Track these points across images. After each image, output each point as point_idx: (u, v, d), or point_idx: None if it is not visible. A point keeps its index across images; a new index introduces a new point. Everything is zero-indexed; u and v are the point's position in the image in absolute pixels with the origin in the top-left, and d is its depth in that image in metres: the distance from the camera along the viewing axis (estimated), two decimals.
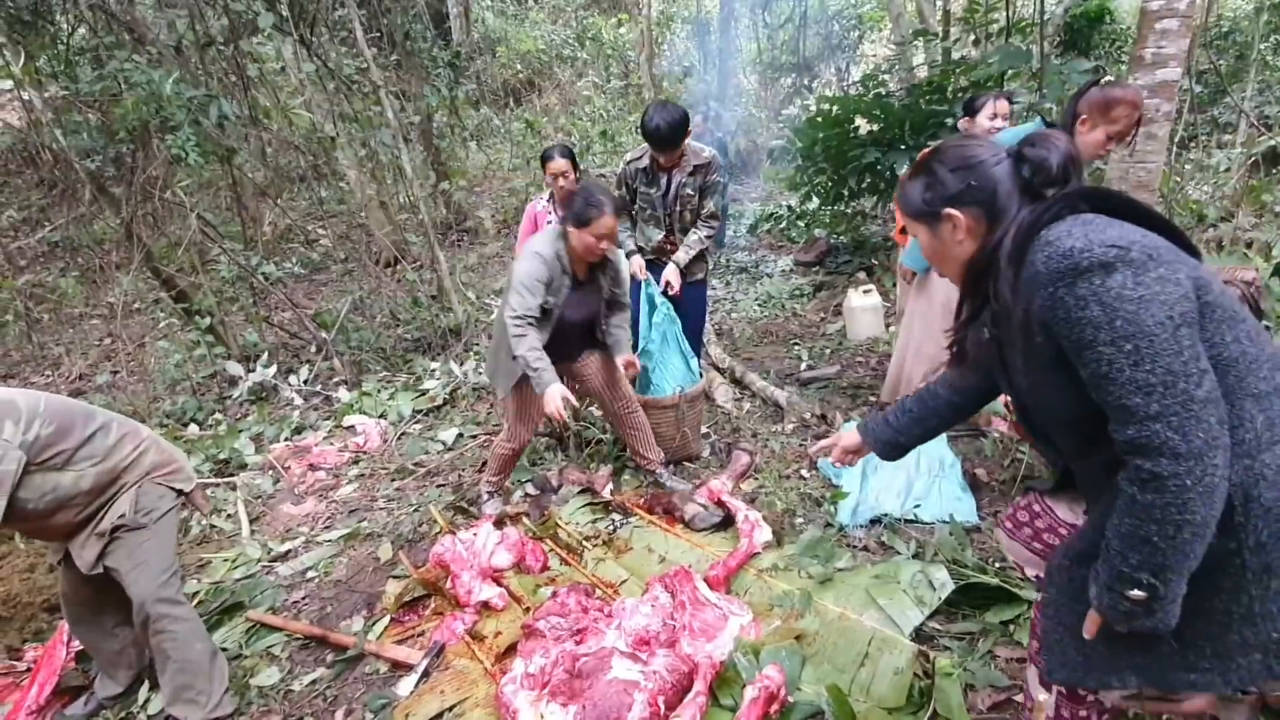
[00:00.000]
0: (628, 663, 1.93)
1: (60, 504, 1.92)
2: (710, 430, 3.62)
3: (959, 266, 1.20)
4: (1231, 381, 0.97)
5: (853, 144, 5.25)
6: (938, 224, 1.19)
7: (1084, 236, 0.98)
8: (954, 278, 1.24)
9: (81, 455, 1.93)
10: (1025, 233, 1.06)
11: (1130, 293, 0.93)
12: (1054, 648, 1.16)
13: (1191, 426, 0.89)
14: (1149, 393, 0.91)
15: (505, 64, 12.69)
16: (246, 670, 2.34)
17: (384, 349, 5.49)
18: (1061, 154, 1.09)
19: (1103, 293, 0.94)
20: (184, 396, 4.89)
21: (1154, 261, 0.95)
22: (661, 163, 3.10)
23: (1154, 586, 0.95)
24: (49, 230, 7.18)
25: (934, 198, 1.17)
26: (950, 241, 1.18)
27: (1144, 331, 0.91)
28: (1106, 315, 0.93)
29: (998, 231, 1.11)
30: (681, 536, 2.73)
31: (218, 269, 5.55)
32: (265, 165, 6.81)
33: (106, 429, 2.01)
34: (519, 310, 2.51)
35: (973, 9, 6.14)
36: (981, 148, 1.16)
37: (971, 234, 1.16)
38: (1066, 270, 0.97)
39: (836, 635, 2.09)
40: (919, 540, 2.47)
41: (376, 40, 7.16)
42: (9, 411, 1.80)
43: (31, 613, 2.78)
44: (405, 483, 3.57)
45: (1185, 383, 0.90)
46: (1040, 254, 1.01)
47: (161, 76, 4.45)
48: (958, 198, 1.15)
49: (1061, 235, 1.00)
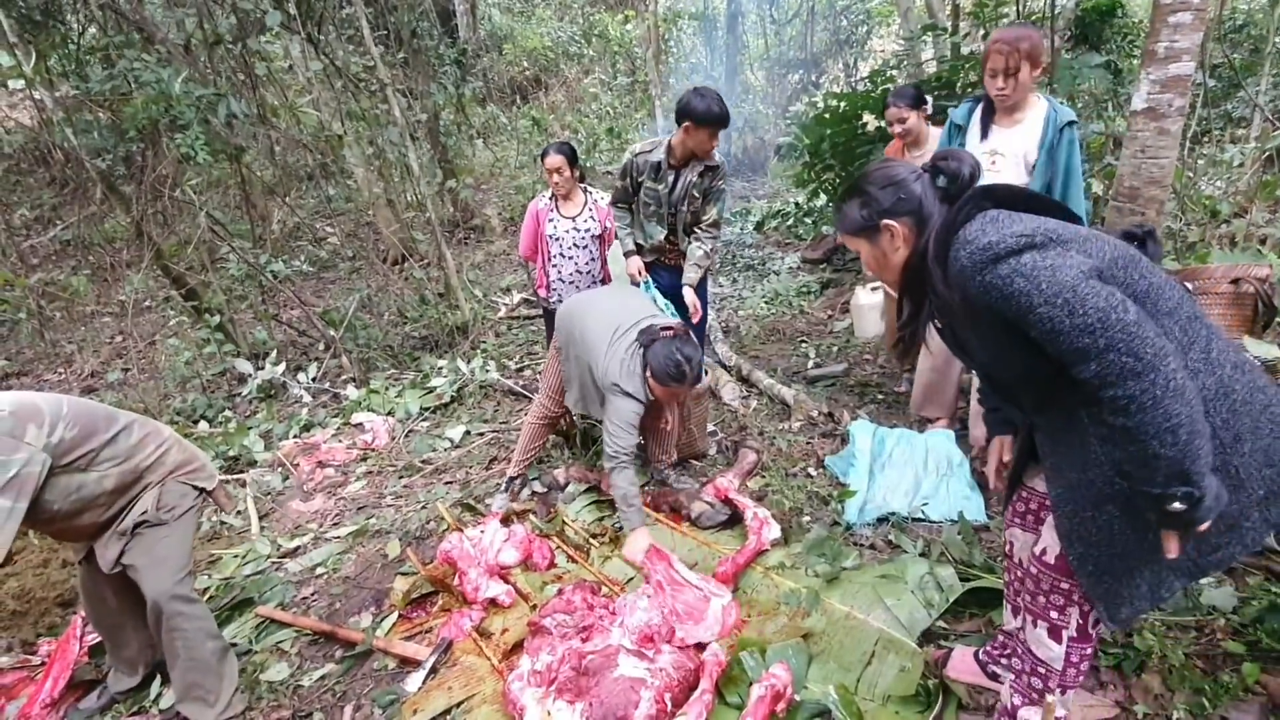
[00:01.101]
0: (634, 660, 1.93)
1: (85, 505, 1.94)
2: (717, 428, 3.62)
3: (896, 270, 1.38)
4: (1149, 308, 1.14)
5: (861, 140, 5.22)
6: (877, 235, 1.37)
7: (995, 231, 1.17)
8: (893, 282, 1.42)
9: (105, 456, 1.95)
10: (944, 234, 1.25)
11: (1042, 263, 1.10)
12: (1106, 596, 1.26)
13: (1137, 345, 1.02)
14: (1091, 332, 1.05)
15: (512, 61, 12.69)
16: (256, 665, 2.36)
17: (391, 347, 5.52)
18: (970, 165, 1.30)
19: (1021, 268, 1.11)
20: (194, 394, 4.93)
21: (1053, 242, 1.14)
22: (675, 159, 3.07)
23: (1189, 493, 1.04)
24: (60, 229, 7.24)
25: (870, 213, 1.36)
26: (889, 249, 1.37)
27: (1066, 286, 1.07)
28: (1031, 283, 1.10)
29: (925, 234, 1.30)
30: (688, 534, 2.73)
31: (227, 267, 5.59)
32: (273, 163, 6.84)
33: (129, 430, 2.03)
34: (623, 449, 2.56)
35: (982, 3, 6.08)
36: (902, 167, 1.36)
37: (906, 241, 1.35)
38: (988, 260, 1.15)
39: (843, 634, 2.08)
40: (926, 539, 2.46)
41: (383, 38, 7.17)
42: (32, 415, 1.82)
43: (45, 607, 2.82)
44: (413, 480, 3.58)
45: (1115, 314, 1.04)
46: (962, 251, 1.19)
47: (171, 75, 4.47)
48: (891, 210, 1.33)
49: (976, 233, 1.19)
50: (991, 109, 2.58)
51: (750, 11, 12.62)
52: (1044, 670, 1.47)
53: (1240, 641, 1.84)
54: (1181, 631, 1.92)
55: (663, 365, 2.49)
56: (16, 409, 1.81)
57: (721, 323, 5.32)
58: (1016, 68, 2.41)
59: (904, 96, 3.26)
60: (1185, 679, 1.76)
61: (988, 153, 2.59)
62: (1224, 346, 1.16)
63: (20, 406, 1.82)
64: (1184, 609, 1.97)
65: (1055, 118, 2.48)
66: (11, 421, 1.78)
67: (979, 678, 1.83)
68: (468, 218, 8.74)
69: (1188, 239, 4.15)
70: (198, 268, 5.52)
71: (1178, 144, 3.41)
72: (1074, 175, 2.51)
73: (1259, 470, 1.13)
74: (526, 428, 3.13)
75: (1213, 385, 1.13)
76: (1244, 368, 1.15)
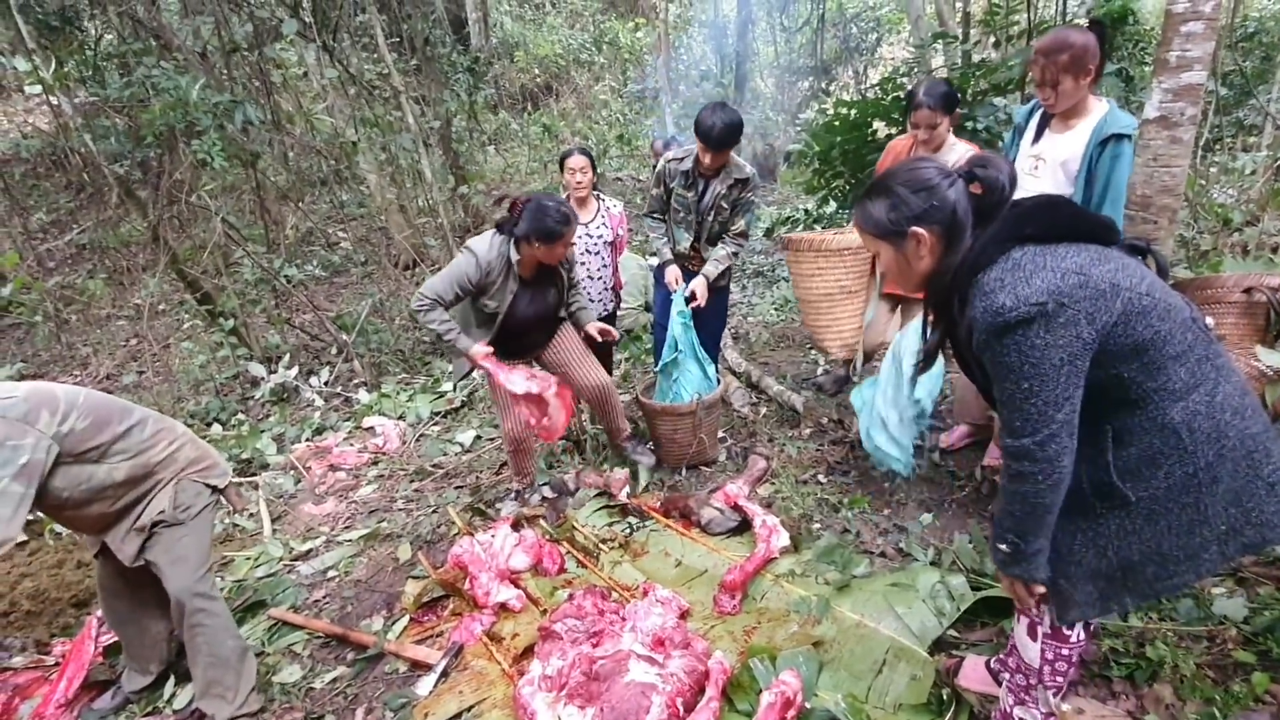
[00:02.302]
0: (645, 665, 1.94)
1: (94, 495, 1.96)
2: (727, 435, 3.62)
3: (918, 280, 1.36)
4: (1153, 355, 1.19)
5: (871, 147, 5.22)
6: (903, 241, 1.32)
7: (1013, 292, 1.18)
8: (910, 289, 1.41)
9: (116, 449, 1.98)
10: (966, 278, 1.26)
11: (1040, 341, 1.16)
12: (1057, 596, 1.37)
13: (1051, 443, 1.19)
14: (1027, 419, 1.20)
15: (523, 68, 12.77)
16: (269, 667, 2.37)
17: (403, 351, 5.56)
18: (1006, 174, 1.27)
19: (1021, 343, 1.18)
20: (208, 397, 4.98)
21: (1064, 308, 1.16)
22: (704, 168, 3.09)
23: (1016, 544, 1.29)
24: (77, 233, 7.32)
25: (899, 217, 1.30)
26: (913, 258, 1.33)
27: (1040, 374, 1.17)
28: (1019, 361, 1.18)
29: (955, 250, 1.29)
30: (698, 540, 2.74)
31: (241, 271, 5.64)
32: (287, 169, 6.91)
33: (143, 424, 2.06)
34: (426, 292, 2.65)
35: (993, 11, 6.09)
36: (934, 170, 1.30)
37: (932, 251, 1.31)
38: (998, 327, 1.19)
39: (854, 642, 2.08)
40: (937, 547, 2.46)
41: (397, 46, 7.25)
42: (47, 401, 1.86)
43: (60, 608, 2.85)
44: (424, 484, 3.60)
45: (1054, 410, 1.18)
46: (979, 303, 1.22)
47: (188, 82, 4.54)
48: (922, 217, 1.28)
49: (994, 286, 1.20)
50: (1048, 113, 2.50)
51: (760, 19, 12.66)
52: (1025, 668, 1.56)
53: (1251, 651, 1.83)
54: (1193, 641, 1.91)
55: (546, 222, 2.60)
56: (31, 395, 1.85)
57: (731, 329, 5.33)
58: (1056, 79, 2.32)
59: (937, 97, 2.85)
60: (1196, 688, 1.75)
61: (1032, 156, 2.52)
62: (1230, 391, 1.22)
63: (35, 393, 1.86)
64: (1195, 619, 1.97)
65: (1101, 128, 2.36)
66: (25, 406, 1.81)
67: (990, 687, 1.83)
68: (478, 223, 8.78)
69: (1200, 247, 4.13)
70: (212, 272, 5.58)
71: (1190, 152, 3.39)
72: (1113, 191, 2.38)
73: (1225, 509, 1.22)
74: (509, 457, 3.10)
75: (1207, 429, 1.20)
76: (1243, 413, 1.22)
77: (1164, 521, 1.24)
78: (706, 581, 2.50)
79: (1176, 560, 1.25)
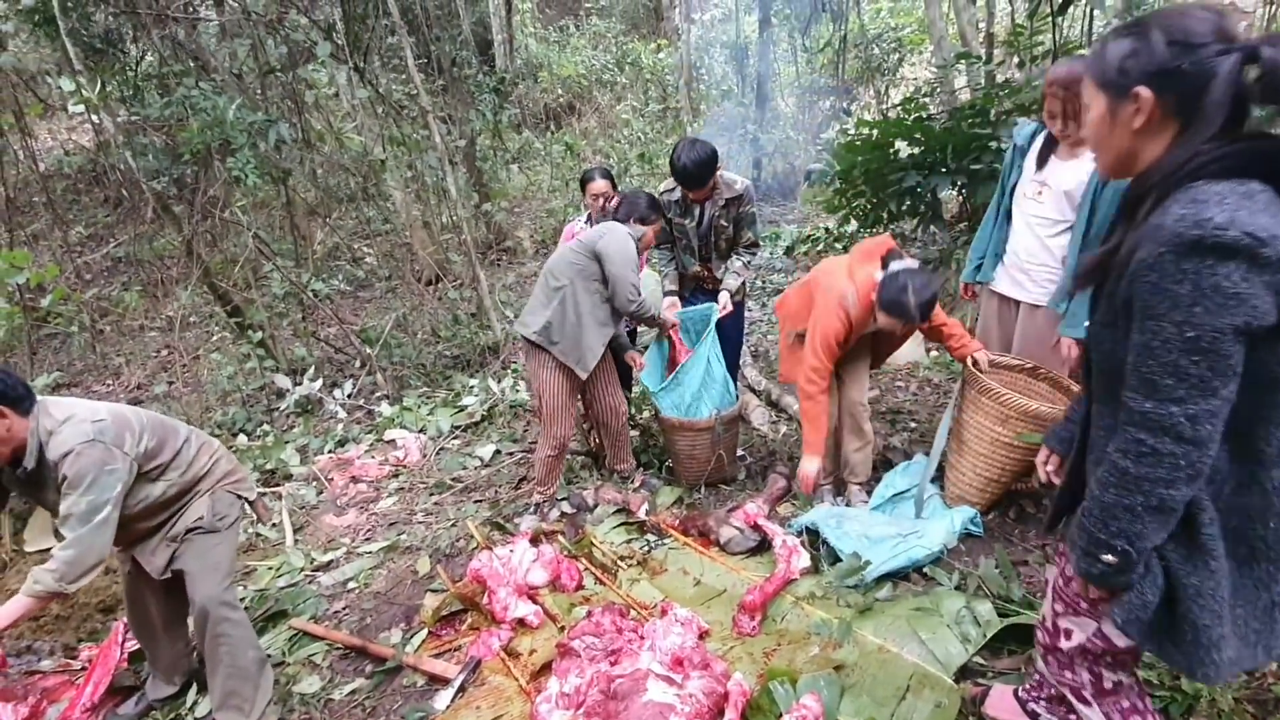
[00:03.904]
0: (663, 685, 1.92)
1: (144, 512, 2.03)
2: (746, 453, 3.60)
3: (1114, 158, 1.08)
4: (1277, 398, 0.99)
5: (893, 167, 5.21)
6: (1122, 100, 1.03)
7: (1231, 213, 0.90)
8: (1104, 166, 1.13)
9: (173, 466, 2.06)
10: (1181, 178, 0.97)
11: (1229, 286, 0.90)
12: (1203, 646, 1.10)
13: (1204, 419, 0.95)
14: (1183, 379, 0.95)
15: (547, 89, 12.98)
16: (289, 677, 2.39)
17: (425, 365, 5.62)
18: None
19: (1205, 275, 0.91)
20: (234, 408, 5.07)
21: (1273, 266, 0.90)
22: (693, 195, 3.13)
23: (1128, 551, 1.04)
24: (114, 246, 7.55)
25: (1134, 67, 1.01)
26: (1123, 125, 1.04)
27: (1213, 327, 0.92)
28: (1193, 298, 0.92)
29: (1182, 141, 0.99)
30: (716, 560, 2.71)
31: (269, 285, 5.76)
32: (316, 186, 7.07)
33: (189, 441, 2.14)
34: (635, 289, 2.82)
35: (1017, 32, 6.07)
36: (1205, 22, 0.97)
37: (1148, 127, 1.02)
38: (1190, 242, 0.91)
39: (876, 668, 2.04)
40: (962, 572, 2.41)
41: (425, 67, 7.42)
42: (127, 424, 1.93)
43: (88, 613, 2.90)
44: (443, 497, 3.62)
45: (1217, 381, 0.94)
46: (1179, 209, 0.94)
47: (224, 102, 4.68)
48: (1159, 77, 0.99)
49: (1211, 199, 0.92)
50: (1053, 138, 2.46)
51: (782, 40, 12.75)
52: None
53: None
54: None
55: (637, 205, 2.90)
56: (113, 417, 1.91)
57: (751, 347, 5.31)
58: (1076, 111, 2.28)
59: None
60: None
61: (1036, 182, 2.51)
62: None
63: (116, 415, 1.93)
64: None
65: None
66: (114, 430, 1.88)
67: (1018, 716, 1.78)
68: (501, 240, 8.90)
69: None
70: (242, 285, 5.70)
71: None
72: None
73: None
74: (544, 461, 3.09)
75: None
76: None
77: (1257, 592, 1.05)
78: (725, 601, 2.47)
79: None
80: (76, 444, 1.80)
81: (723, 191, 3.12)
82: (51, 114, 9.70)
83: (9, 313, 4.23)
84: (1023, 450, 2.52)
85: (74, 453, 1.79)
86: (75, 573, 1.79)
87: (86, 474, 1.79)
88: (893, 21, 12.42)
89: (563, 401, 2.97)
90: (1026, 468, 2.61)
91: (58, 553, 1.79)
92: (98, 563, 1.83)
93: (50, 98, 7.88)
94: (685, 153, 2.94)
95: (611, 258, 2.76)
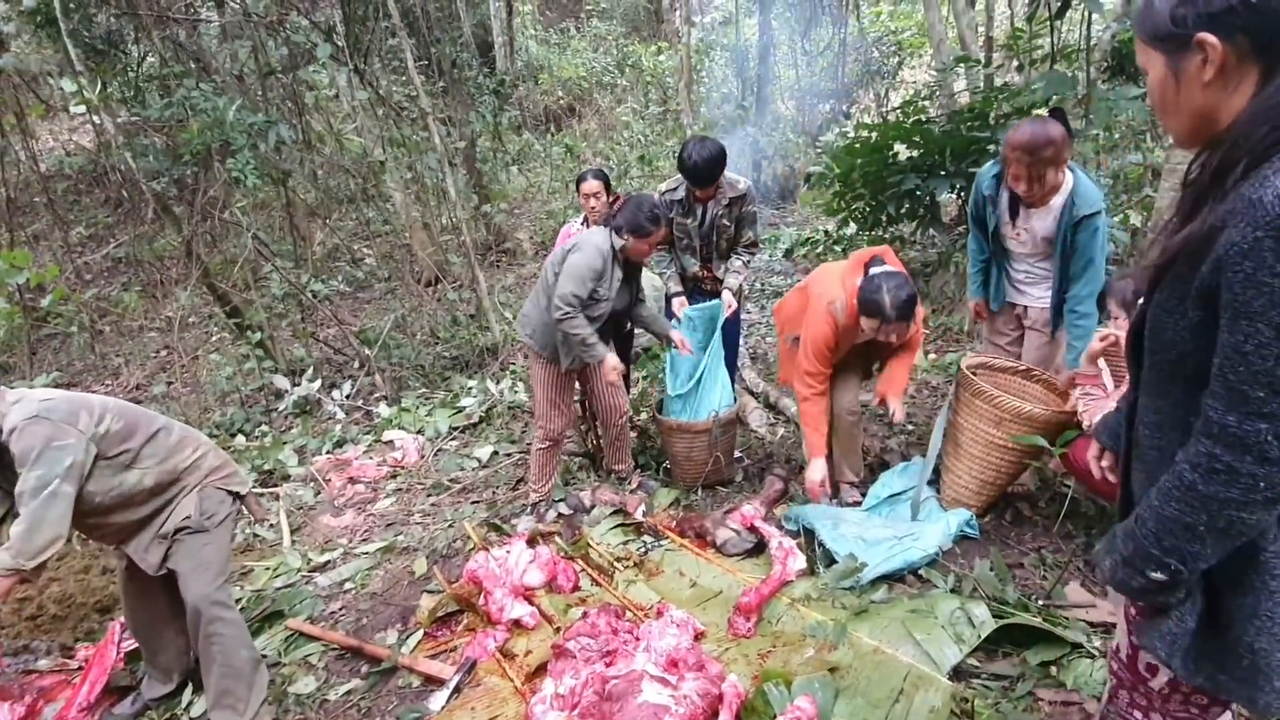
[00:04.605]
0: (658, 686, 1.92)
1: (123, 501, 2.02)
2: (743, 455, 3.61)
3: (1188, 119, 0.93)
4: None
5: (892, 170, 5.23)
6: (1184, 54, 0.88)
7: None
8: (1178, 134, 0.97)
9: (146, 453, 2.04)
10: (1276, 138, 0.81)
11: None
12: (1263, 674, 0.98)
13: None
14: (1278, 392, 0.80)
15: (547, 90, 13.01)
16: (285, 678, 2.39)
17: (423, 366, 5.62)
18: None
19: None
20: (233, 408, 5.08)
21: None
22: (698, 195, 3.14)
23: (1179, 572, 0.92)
24: (114, 246, 7.56)
25: (1189, 14, 0.86)
26: (1190, 82, 0.89)
27: None
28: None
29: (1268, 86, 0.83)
30: (713, 561, 2.72)
31: (269, 286, 5.78)
32: (316, 187, 7.09)
33: (168, 429, 2.13)
34: (567, 300, 2.71)
35: (1016, 36, 6.09)
36: None
37: (1222, 78, 0.87)
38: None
39: (871, 669, 2.04)
40: (958, 574, 2.42)
41: (425, 68, 7.43)
42: (83, 404, 1.94)
43: (84, 612, 2.90)
44: (441, 498, 3.63)
45: None
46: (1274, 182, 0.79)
47: (225, 103, 4.70)
48: (1222, 18, 0.84)
49: None
50: None
51: (782, 43, 12.78)
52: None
53: None
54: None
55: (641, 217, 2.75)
56: (69, 398, 1.94)
57: (749, 349, 5.32)
58: (1042, 174, 2.37)
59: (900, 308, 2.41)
60: None
61: (1019, 227, 2.61)
62: None
63: (69, 398, 1.95)
64: None
65: (1073, 208, 2.43)
66: (67, 407, 1.89)
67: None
68: (500, 241, 8.91)
69: None
70: (242, 286, 5.71)
71: None
72: (1094, 264, 2.47)
73: None
74: (536, 455, 3.13)
75: None
76: None
77: None
78: (721, 603, 2.48)
79: None
80: (19, 420, 1.81)
81: (726, 191, 3.14)
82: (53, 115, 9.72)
83: (9, 313, 4.25)
84: (1017, 452, 2.53)
85: (17, 430, 1.80)
86: (31, 549, 1.76)
87: (32, 448, 1.79)
88: (892, 25, 12.46)
89: (551, 397, 3.01)
90: (1021, 469, 2.63)
91: (13, 530, 1.79)
92: (54, 538, 1.80)
93: (52, 98, 7.91)
94: (695, 150, 2.96)
95: (566, 266, 2.77)
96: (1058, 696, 1.88)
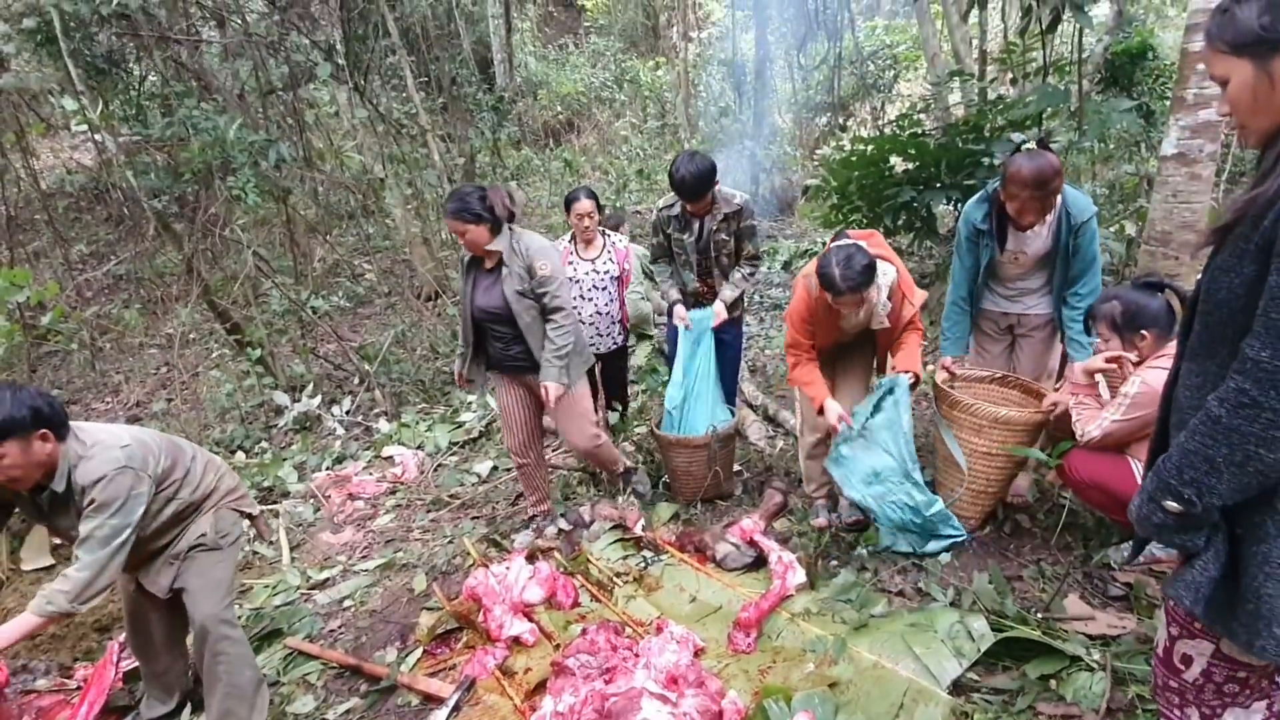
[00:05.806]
0: (657, 704, 1.91)
1: (153, 532, 2.04)
2: (743, 468, 3.61)
3: (1273, 121, 0.99)
4: None
5: (888, 183, 5.26)
6: (1272, 57, 0.95)
7: None
8: (1266, 131, 1.01)
9: (185, 484, 2.09)
10: None
11: None
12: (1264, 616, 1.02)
13: None
14: None
15: (546, 106, 13.11)
16: (284, 697, 2.38)
17: (423, 381, 5.63)
18: None
19: None
20: (233, 425, 5.08)
21: None
22: (691, 210, 3.15)
23: (1193, 503, 0.97)
24: (115, 264, 7.59)
25: (1275, 21, 0.93)
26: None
27: None
28: None
29: None
30: (713, 576, 2.71)
31: (269, 302, 5.80)
32: (317, 204, 7.14)
33: (196, 458, 2.17)
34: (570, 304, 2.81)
35: (1010, 49, 6.15)
36: None
37: None
38: None
39: (871, 684, 2.04)
40: (957, 587, 2.41)
41: (425, 85, 7.50)
42: (148, 448, 1.97)
43: (83, 632, 2.89)
44: (440, 514, 3.62)
45: None
46: None
47: (226, 122, 4.74)
48: None
49: None
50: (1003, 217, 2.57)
51: (778, 57, 12.89)
52: None
53: None
54: None
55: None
56: (136, 442, 1.95)
57: (748, 362, 5.33)
58: (1049, 206, 2.42)
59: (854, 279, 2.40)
60: None
61: (1012, 252, 2.64)
62: None
63: (136, 439, 1.96)
64: None
65: (1069, 219, 2.47)
66: (140, 455, 1.92)
67: None
68: None
69: None
70: (242, 302, 5.73)
71: (1210, 188, 3.39)
72: (1094, 264, 2.55)
73: None
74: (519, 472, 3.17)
75: None
76: None
77: None
78: (721, 618, 2.47)
79: None
80: (109, 470, 1.84)
81: (721, 206, 3.14)
82: (54, 133, 9.79)
83: (9, 330, 4.25)
84: (1003, 459, 2.56)
85: (106, 479, 1.83)
86: (89, 594, 1.81)
87: (117, 499, 1.83)
88: (888, 39, 12.57)
89: (505, 416, 3.04)
90: (1012, 476, 2.67)
91: (73, 573, 1.80)
92: (109, 584, 1.85)
93: (52, 117, 7.96)
94: (684, 165, 2.97)
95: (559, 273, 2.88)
96: (1057, 710, 1.87)
